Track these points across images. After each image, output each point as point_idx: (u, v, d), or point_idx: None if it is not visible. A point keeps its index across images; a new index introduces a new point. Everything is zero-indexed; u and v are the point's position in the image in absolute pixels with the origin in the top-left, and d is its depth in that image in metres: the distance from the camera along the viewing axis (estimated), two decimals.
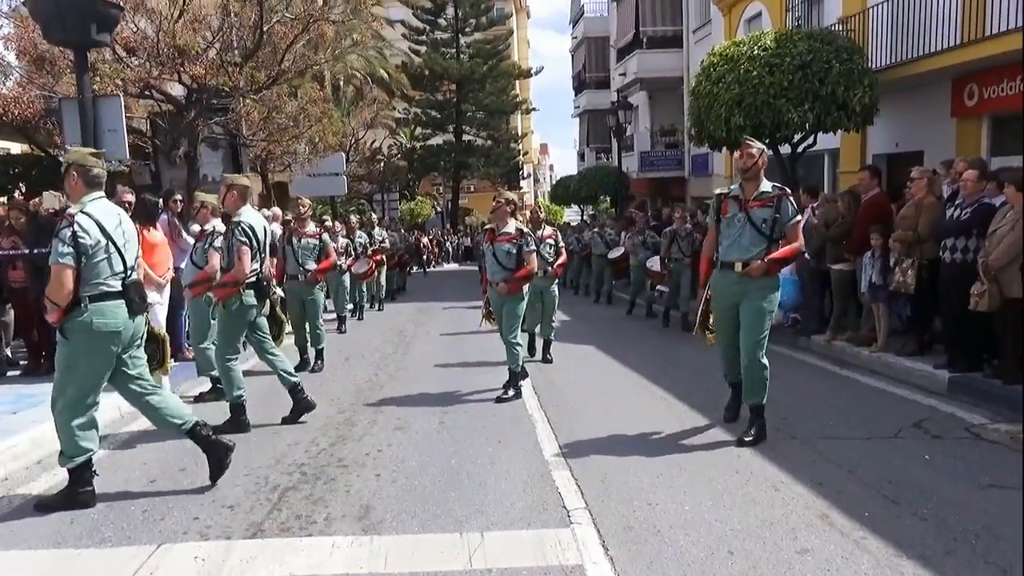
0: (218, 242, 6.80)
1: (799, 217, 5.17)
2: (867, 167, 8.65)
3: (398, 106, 36.25)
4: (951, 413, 5.81)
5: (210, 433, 4.46)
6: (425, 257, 29.33)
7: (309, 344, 8.40)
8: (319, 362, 8.31)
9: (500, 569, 3.35)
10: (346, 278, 11.65)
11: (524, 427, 5.75)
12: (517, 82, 44.30)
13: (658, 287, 12.00)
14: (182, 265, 8.08)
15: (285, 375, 5.94)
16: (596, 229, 15.78)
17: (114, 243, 4.09)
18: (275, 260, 9.89)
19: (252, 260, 5.66)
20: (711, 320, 5.50)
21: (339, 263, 10.48)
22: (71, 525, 3.97)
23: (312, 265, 8.26)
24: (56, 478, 4.72)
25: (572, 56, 34.62)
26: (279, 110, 12.63)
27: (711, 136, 11.32)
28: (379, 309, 14.32)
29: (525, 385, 7.19)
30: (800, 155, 11.72)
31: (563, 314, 10.90)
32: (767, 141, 11.19)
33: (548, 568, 3.36)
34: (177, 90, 11.05)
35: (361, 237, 13.33)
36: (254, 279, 5.71)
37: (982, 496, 4.11)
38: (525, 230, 6.74)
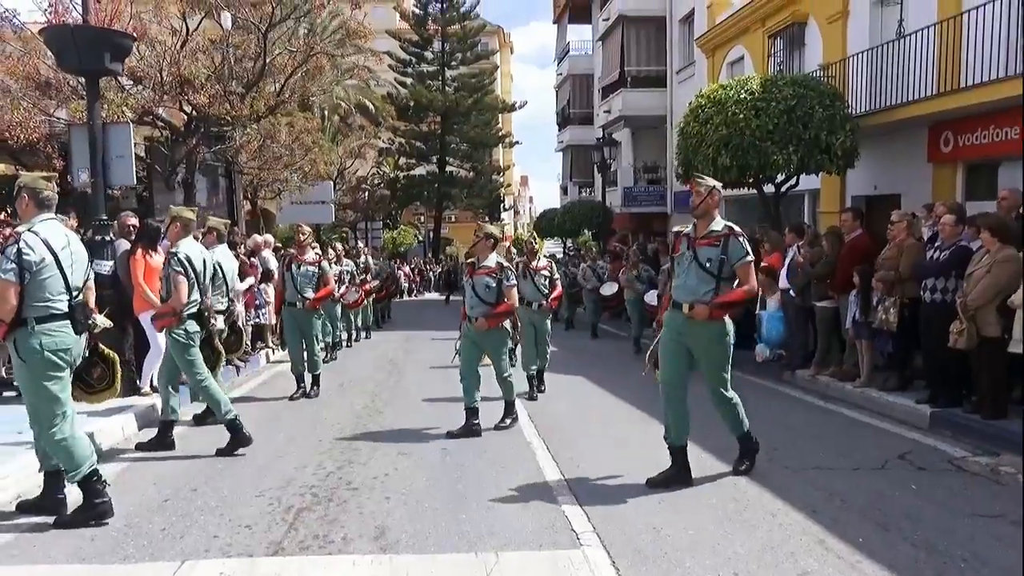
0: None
1: (749, 258, 4.88)
2: (850, 209, 9.02)
3: (383, 136, 36.63)
4: (933, 446, 6.06)
5: (101, 488, 4.40)
6: (407, 286, 29.48)
7: (305, 371, 8.42)
8: (315, 388, 8.35)
9: None
10: (338, 307, 11.77)
11: (524, 454, 5.91)
12: (500, 115, 45.03)
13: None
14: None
15: (168, 408, 6.07)
16: (588, 263, 15.55)
17: (59, 263, 4.23)
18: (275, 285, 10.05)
19: (192, 291, 5.88)
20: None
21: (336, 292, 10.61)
22: (92, 542, 4.06)
23: (310, 293, 8.31)
24: (70, 496, 4.80)
25: (557, 92, 35.24)
26: (274, 139, 12.82)
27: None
28: (366, 338, 14.39)
29: (521, 413, 7.36)
30: (783, 195, 12.11)
31: (555, 347, 11.07)
32: (751, 180, 11.59)
33: None
34: (175, 117, 11.22)
35: (348, 266, 13.46)
36: (194, 309, 5.92)
37: (968, 524, 4.34)
38: (505, 264, 6.62)
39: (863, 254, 8.04)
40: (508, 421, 6.76)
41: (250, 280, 10.33)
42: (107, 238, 7.33)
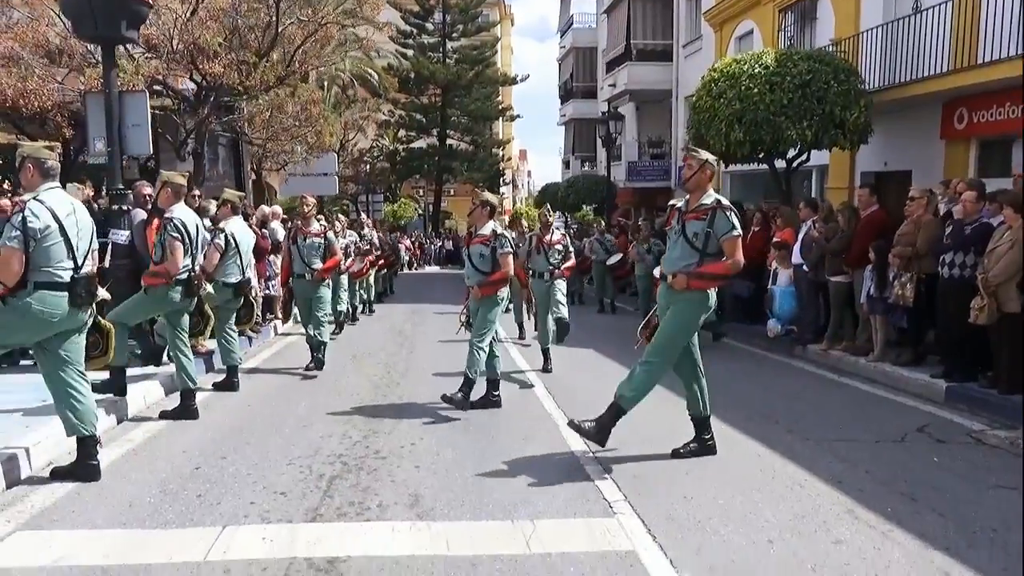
0: (219, 239, 7.03)
1: (735, 232, 4.77)
2: (866, 185, 9.01)
3: (382, 108, 36.38)
4: (950, 419, 6.12)
5: (96, 453, 4.56)
6: (408, 259, 29.43)
7: (313, 339, 8.22)
8: (318, 356, 8.14)
9: (558, 553, 3.55)
10: (344, 278, 11.73)
11: (546, 425, 5.96)
12: (501, 89, 44.69)
13: None
14: (201, 259, 8.18)
15: (185, 378, 6.05)
16: (595, 236, 15.41)
17: (64, 231, 4.25)
18: (281, 258, 10.00)
19: (184, 256, 5.88)
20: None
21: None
22: (131, 508, 4.09)
23: (318, 264, 8.22)
24: (100, 463, 4.84)
25: (559, 65, 34.95)
26: (282, 110, 12.72)
27: (710, 150, 11.61)
28: (369, 312, 14.36)
29: (538, 386, 7.41)
30: (794, 170, 12.08)
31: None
32: (761, 155, 11.55)
33: (603, 553, 3.56)
34: (184, 87, 11.11)
35: (352, 237, 13.41)
36: (185, 275, 5.93)
37: (992, 495, 4.40)
38: (500, 232, 6.42)
39: (879, 229, 8.06)
40: (458, 395, 6.12)
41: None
42: (124, 207, 7.29)
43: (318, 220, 8.95)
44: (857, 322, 8.54)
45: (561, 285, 8.43)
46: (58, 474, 4.53)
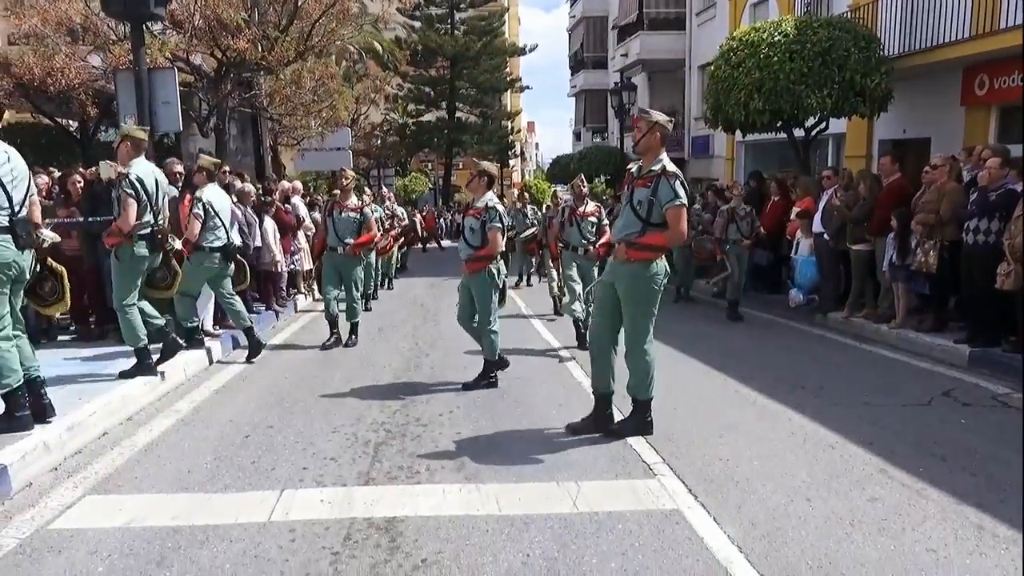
0: (198, 208, 6.93)
1: (678, 201, 4.51)
2: (889, 153, 9.04)
3: (391, 82, 36.21)
4: (975, 383, 6.24)
5: (23, 403, 4.51)
6: (423, 234, 29.41)
7: (346, 318, 8.28)
8: (352, 336, 8.23)
9: (605, 512, 3.69)
10: (372, 254, 11.71)
11: (580, 394, 6.09)
12: (508, 60, 44.37)
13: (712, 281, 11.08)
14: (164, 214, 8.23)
15: (150, 320, 6.07)
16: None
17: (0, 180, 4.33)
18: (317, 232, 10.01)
19: (144, 212, 5.81)
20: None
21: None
22: (189, 474, 4.27)
23: (351, 240, 8.13)
24: (152, 433, 5.03)
25: (569, 35, 34.70)
26: (299, 85, 12.78)
27: (728, 119, 11.64)
28: (389, 287, 14.46)
29: (566, 356, 7.54)
30: (813, 139, 12.09)
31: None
32: (779, 125, 11.56)
33: (649, 512, 3.71)
34: (200, 63, 11.16)
35: (377, 211, 13.45)
36: (147, 231, 5.89)
37: (1020, 455, 4.51)
38: (492, 205, 6.12)
39: (901, 197, 8.11)
40: (483, 384, 6.18)
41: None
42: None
43: (356, 195, 8.71)
44: (878, 290, 8.62)
45: (595, 273, 7.70)
46: None
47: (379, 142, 32.17)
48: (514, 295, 12.36)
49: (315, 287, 11.77)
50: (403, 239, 17.08)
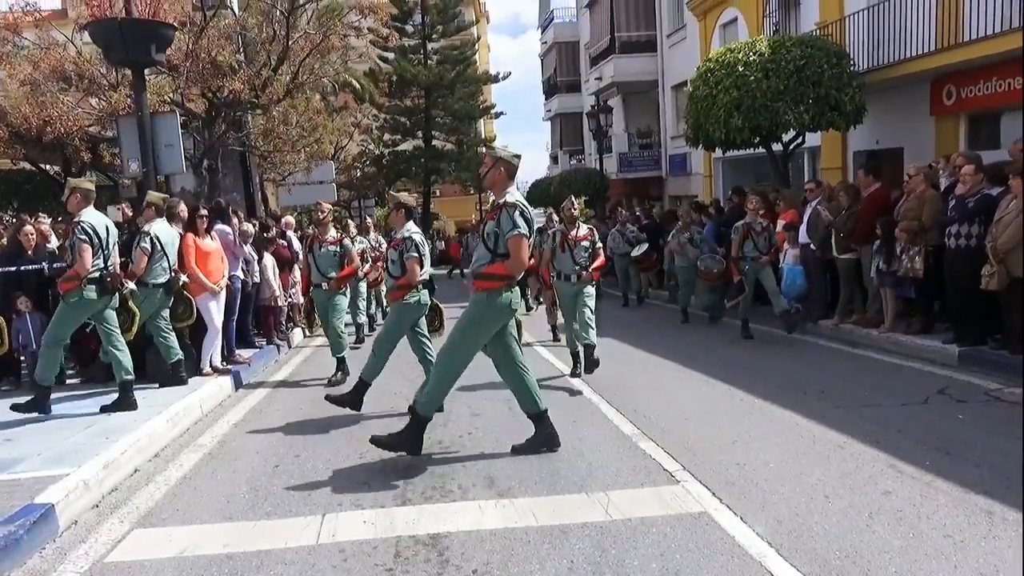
0: (145, 242, 6.97)
1: (516, 231, 4.61)
2: (863, 167, 9.41)
3: (367, 113, 36.52)
4: (968, 381, 6.52)
5: None
6: None
7: (331, 352, 8.09)
8: (338, 373, 7.97)
9: (638, 518, 3.88)
10: (363, 285, 11.67)
11: (590, 409, 6.29)
12: (483, 87, 44.90)
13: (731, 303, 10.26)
14: (237, 272, 8.45)
15: (122, 371, 6.31)
16: (616, 227, 14.49)
17: None
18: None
19: (95, 257, 6.11)
20: None
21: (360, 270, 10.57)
22: (229, 504, 4.39)
23: (333, 273, 7.98)
24: (183, 468, 5.15)
25: (542, 61, 35.32)
26: (287, 121, 12.98)
27: (708, 137, 12.00)
28: (384, 315, 14.40)
29: (570, 375, 7.70)
30: (791, 153, 12.48)
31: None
32: (758, 141, 11.94)
33: (679, 516, 3.90)
34: (196, 105, 11.34)
35: (363, 243, 13.47)
36: (97, 275, 6.16)
37: (1018, 446, 4.76)
38: (408, 235, 6.29)
39: (883, 206, 8.46)
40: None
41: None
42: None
43: (335, 227, 8.56)
44: (866, 296, 8.93)
45: (590, 293, 7.55)
46: None
47: (359, 173, 32.35)
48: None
49: (315, 321, 11.75)
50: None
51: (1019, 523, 3.61)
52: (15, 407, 6.12)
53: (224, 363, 8.18)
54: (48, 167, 14.98)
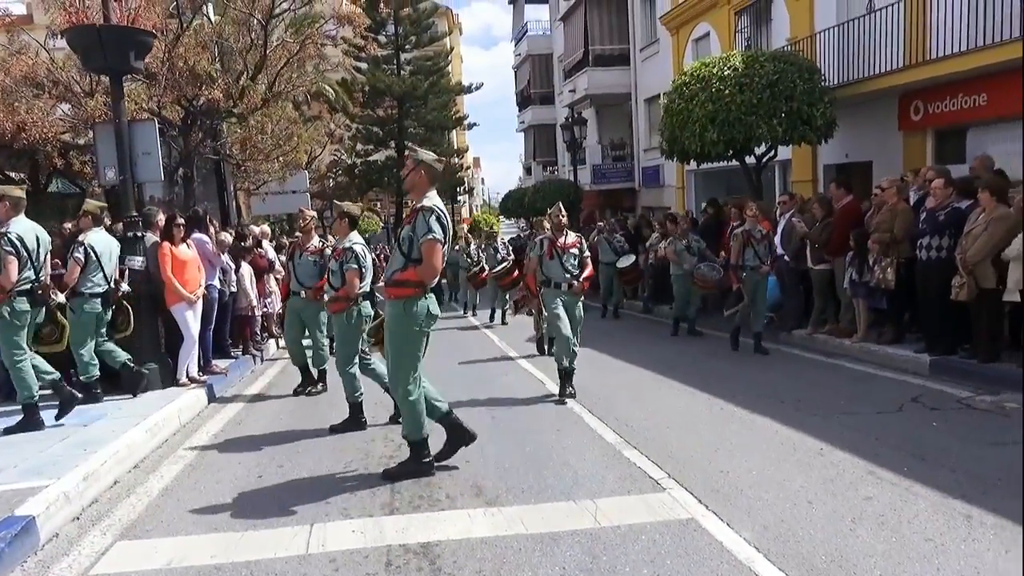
0: (79, 252, 6.80)
1: (430, 236, 4.50)
2: (835, 180, 9.60)
3: (339, 123, 36.39)
4: (939, 389, 6.67)
5: None
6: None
7: (312, 364, 8.00)
8: (320, 384, 7.94)
9: (626, 525, 3.92)
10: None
11: (572, 419, 6.33)
12: (455, 98, 45.01)
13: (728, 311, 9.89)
14: (214, 281, 8.38)
15: (43, 375, 6.18)
16: (603, 234, 14.02)
17: None
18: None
19: (24, 268, 5.93)
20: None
21: None
22: (214, 515, 4.35)
23: (311, 283, 7.69)
24: (164, 479, 5.08)
25: (515, 73, 35.51)
26: (263, 130, 12.92)
27: (684, 150, 12.17)
28: None
29: (550, 385, 7.74)
30: (764, 166, 12.69)
31: None
32: (732, 154, 12.13)
33: (666, 522, 3.95)
34: (171, 113, 11.23)
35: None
36: (27, 286, 6.00)
37: (992, 451, 4.91)
38: (349, 246, 6.28)
39: (855, 218, 8.64)
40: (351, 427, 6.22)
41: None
42: (139, 234, 7.47)
43: (319, 235, 8.23)
44: (839, 307, 9.10)
45: (580, 310, 7.52)
46: None
47: (331, 183, 32.21)
48: (491, 335, 12.58)
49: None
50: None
51: (996, 527, 3.71)
52: (8, 430, 5.92)
53: (200, 373, 8.08)
54: (13, 174, 14.70)
